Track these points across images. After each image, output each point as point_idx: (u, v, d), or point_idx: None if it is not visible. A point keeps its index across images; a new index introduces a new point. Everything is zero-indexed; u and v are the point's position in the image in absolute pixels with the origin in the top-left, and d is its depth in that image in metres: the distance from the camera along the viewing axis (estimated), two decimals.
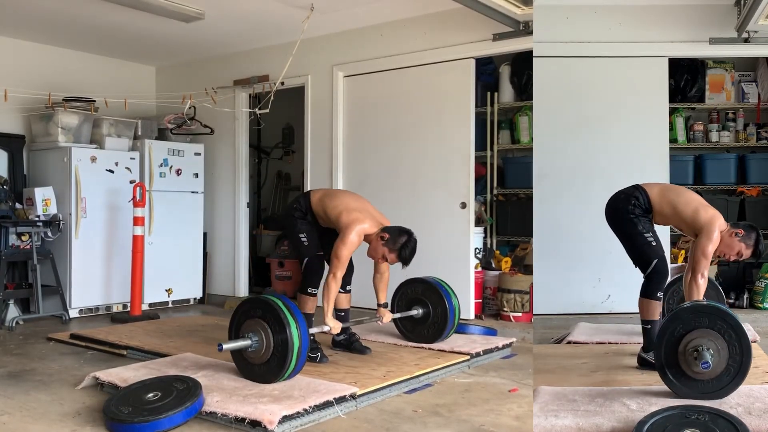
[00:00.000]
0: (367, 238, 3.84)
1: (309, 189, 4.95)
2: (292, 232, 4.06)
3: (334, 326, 3.77)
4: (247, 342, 3.31)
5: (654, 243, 3.62)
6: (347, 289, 4.16)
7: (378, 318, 4.09)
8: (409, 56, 5.60)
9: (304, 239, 3.96)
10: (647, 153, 5.51)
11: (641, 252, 3.64)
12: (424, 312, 4.34)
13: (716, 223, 3.52)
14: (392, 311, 4.37)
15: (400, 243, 3.76)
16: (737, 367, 2.96)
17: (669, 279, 3.91)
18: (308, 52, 5.81)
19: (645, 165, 5.40)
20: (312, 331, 3.64)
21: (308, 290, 3.95)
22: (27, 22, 5.72)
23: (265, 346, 3.28)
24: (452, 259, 5.40)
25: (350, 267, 4.11)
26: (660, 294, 3.63)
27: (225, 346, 3.28)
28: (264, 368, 3.30)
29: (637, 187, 3.73)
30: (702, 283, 3.47)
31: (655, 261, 3.60)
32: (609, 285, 5.37)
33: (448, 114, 5.44)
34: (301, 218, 4.00)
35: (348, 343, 4.14)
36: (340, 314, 4.15)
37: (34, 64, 6.30)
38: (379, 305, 4.11)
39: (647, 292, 3.61)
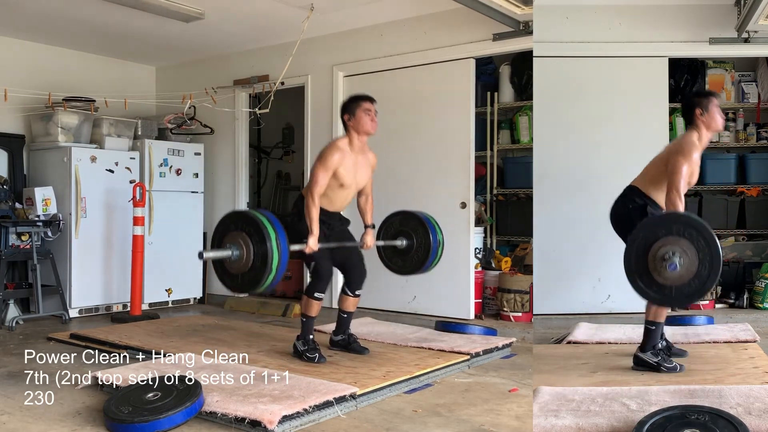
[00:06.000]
0: (348, 144, 3.91)
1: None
2: (298, 238, 4.02)
3: (311, 244, 3.74)
4: (228, 252, 3.32)
5: None
6: (356, 293, 4.12)
7: (361, 243, 4.09)
8: (409, 56, 5.60)
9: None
10: (647, 153, 5.46)
11: None
12: (408, 244, 4.32)
13: (689, 141, 3.60)
14: (378, 239, 4.33)
15: (353, 103, 3.92)
16: (707, 274, 2.96)
17: None
18: (308, 52, 5.81)
19: (645, 165, 5.38)
20: (293, 247, 3.60)
21: (315, 294, 3.91)
22: (27, 22, 5.72)
23: (245, 257, 3.30)
24: (452, 259, 5.38)
25: (362, 271, 4.11)
26: None
27: (206, 255, 3.32)
28: (245, 277, 3.32)
29: (630, 189, 3.72)
30: (679, 198, 3.45)
31: None
32: (609, 285, 5.37)
33: (448, 114, 5.44)
34: (299, 220, 3.98)
35: (346, 344, 4.14)
36: (343, 315, 4.15)
37: (34, 64, 6.29)
38: (366, 226, 4.13)
39: None
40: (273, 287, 3.39)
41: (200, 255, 3.30)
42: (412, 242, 4.31)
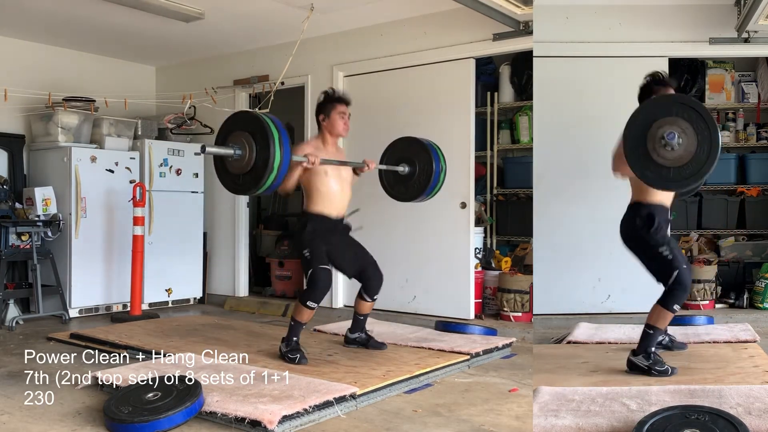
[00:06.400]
0: (321, 143, 4.00)
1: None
2: (297, 248, 4.03)
3: (310, 155, 3.79)
4: (230, 151, 3.34)
5: (670, 256, 3.51)
6: (374, 298, 4.17)
7: (364, 164, 4.12)
8: (409, 56, 5.60)
9: (307, 254, 3.92)
10: None
11: (657, 265, 3.55)
12: (410, 171, 4.32)
13: None
14: (381, 163, 4.34)
15: (329, 105, 3.99)
16: (705, 156, 2.97)
17: None
18: (308, 52, 5.81)
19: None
20: (295, 158, 3.61)
21: (307, 303, 3.87)
22: (27, 22, 5.72)
23: (247, 157, 3.31)
24: (452, 259, 5.40)
25: (380, 277, 4.15)
26: (677, 307, 3.53)
27: (208, 149, 3.34)
28: (246, 177, 3.34)
29: (632, 205, 3.66)
30: None
31: (675, 272, 3.48)
32: (609, 285, 5.37)
33: (448, 114, 5.44)
34: (302, 229, 3.97)
35: (365, 341, 4.21)
36: (359, 318, 4.21)
37: (34, 64, 6.29)
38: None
39: (665, 303, 3.52)
40: (273, 190, 3.41)
41: (202, 149, 3.32)
42: (414, 168, 4.31)
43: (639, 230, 3.56)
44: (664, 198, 3.59)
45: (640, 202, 3.61)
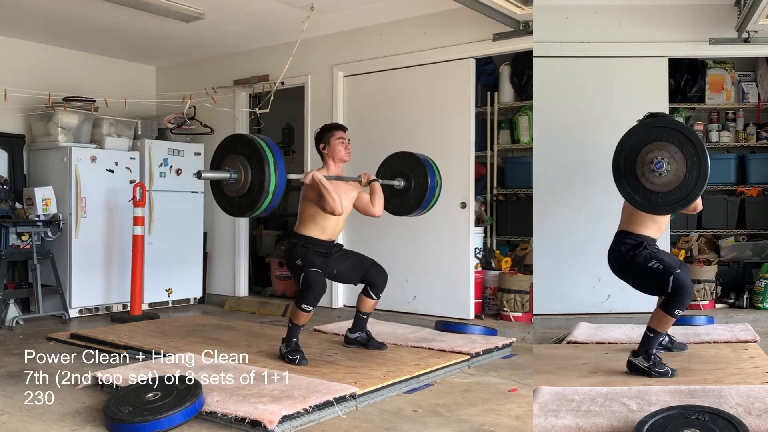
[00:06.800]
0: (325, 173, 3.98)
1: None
2: (288, 262, 4.03)
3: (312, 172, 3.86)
4: (226, 175, 3.36)
5: (661, 266, 3.51)
6: (379, 296, 4.18)
7: (359, 176, 4.13)
8: (409, 56, 5.60)
9: (299, 262, 3.92)
10: None
11: (651, 280, 3.56)
12: (406, 185, 4.35)
13: None
14: (377, 177, 4.35)
15: (327, 133, 4.03)
16: (693, 182, 3.01)
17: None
18: (308, 52, 5.81)
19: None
20: (291, 176, 3.62)
21: (302, 306, 3.85)
22: (27, 22, 5.72)
23: (243, 180, 3.34)
24: (452, 259, 5.40)
25: (385, 275, 4.16)
26: (678, 312, 3.50)
27: (204, 175, 3.37)
28: (242, 200, 3.37)
29: (620, 233, 3.68)
30: None
31: (671, 278, 3.46)
32: (609, 285, 5.35)
33: (448, 114, 5.44)
34: (293, 246, 3.99)
35: (365, 341, 4.22)
36: (362, 316, 4.22)
37: (34, 64, 6.29)
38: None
39: (667, 307, 3.51)
40: (269, 212, 3.43)
41: (198, 174, 3.33)
42: (409, 183, 4.33)
43: (625, 254, 3.59)
44: (652, 232, 3.60)
45: (628, 231, 3.63)
